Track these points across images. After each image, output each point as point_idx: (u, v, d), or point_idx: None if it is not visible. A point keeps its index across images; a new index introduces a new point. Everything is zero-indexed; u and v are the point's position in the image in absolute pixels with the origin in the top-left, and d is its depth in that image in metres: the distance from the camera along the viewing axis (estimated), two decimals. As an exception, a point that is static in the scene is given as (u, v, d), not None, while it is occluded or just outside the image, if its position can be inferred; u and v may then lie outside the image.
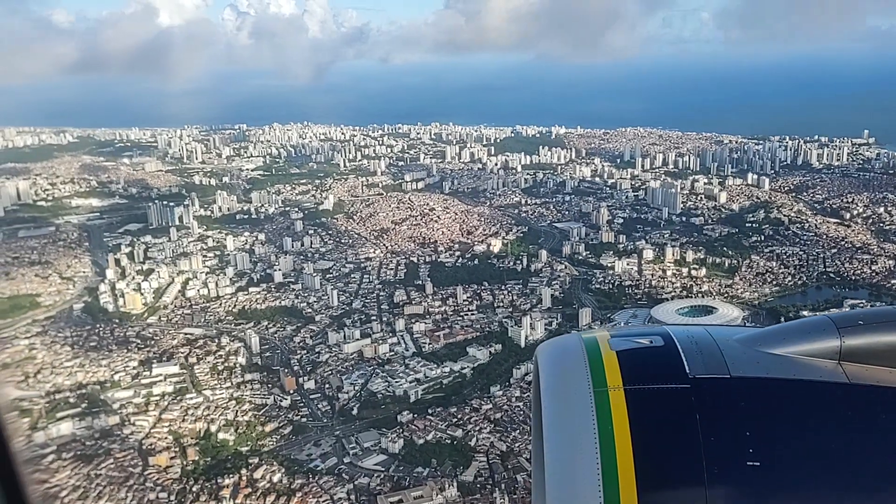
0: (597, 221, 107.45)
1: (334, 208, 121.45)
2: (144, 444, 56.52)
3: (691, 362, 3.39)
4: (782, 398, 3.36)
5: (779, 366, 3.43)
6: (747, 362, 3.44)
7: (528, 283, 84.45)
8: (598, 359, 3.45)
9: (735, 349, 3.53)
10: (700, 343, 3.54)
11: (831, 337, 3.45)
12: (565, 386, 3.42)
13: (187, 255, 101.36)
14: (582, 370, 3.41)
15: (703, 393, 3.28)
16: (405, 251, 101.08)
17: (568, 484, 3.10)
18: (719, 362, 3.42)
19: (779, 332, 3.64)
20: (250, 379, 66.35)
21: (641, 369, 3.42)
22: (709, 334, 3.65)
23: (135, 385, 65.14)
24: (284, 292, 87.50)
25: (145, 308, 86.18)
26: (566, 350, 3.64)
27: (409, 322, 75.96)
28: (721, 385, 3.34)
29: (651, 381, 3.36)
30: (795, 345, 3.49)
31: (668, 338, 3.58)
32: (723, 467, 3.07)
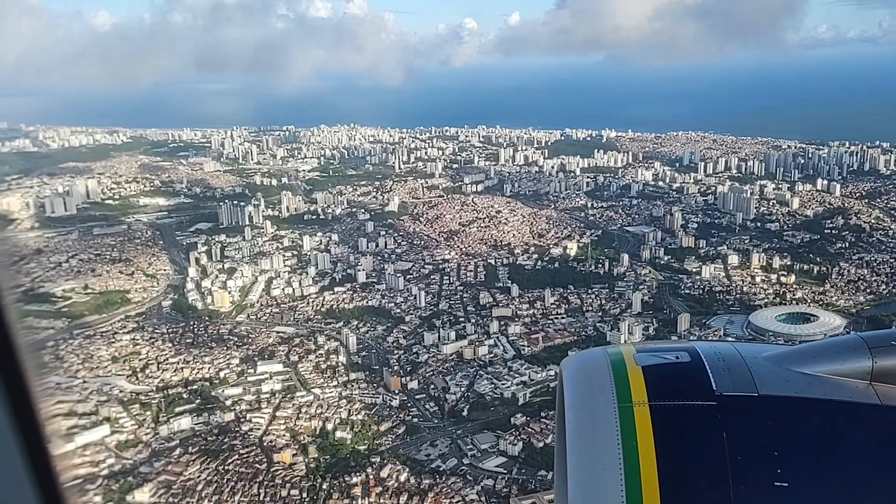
0: (671, 226, 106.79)
1: (399, 210, 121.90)
2: (265, 441, 57.27)
3: (718, 379, 3.33)
4: (812, 418, 3.27)
5: (809, 385, 3.34)
6: (776, 381, 3.36)
7: (615, 287, 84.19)
8: (623, 374, 3.40)
9: (764, 367, 3.45)
10: (727, 360, 3.47)
11: (863, 357, 3.37)
12: (590, 401, 3.37)
13: (265, 255, 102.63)
14: (607, 385, 3.36)
15: (730, 411, 3.21)
16: (479, 253, 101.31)
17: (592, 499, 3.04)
18: (747, 380, 3.35)
19: (809, 351, 3.57)
20: (355, 378, 66.92)
21: (667, 385, 3.35)
22: (736, 351, 3.58)
23: (242, 382, 66.02)
24: (370, 292, 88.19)
25: (233, 306, 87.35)
26: (591, 364, 3.59)
27: (500, 324, 76.10)
28: (749, 403, 3.26)
29: (677, 397, 3.29)
30: (826, 364, 3.41)
31: (695, 354, 3.53)
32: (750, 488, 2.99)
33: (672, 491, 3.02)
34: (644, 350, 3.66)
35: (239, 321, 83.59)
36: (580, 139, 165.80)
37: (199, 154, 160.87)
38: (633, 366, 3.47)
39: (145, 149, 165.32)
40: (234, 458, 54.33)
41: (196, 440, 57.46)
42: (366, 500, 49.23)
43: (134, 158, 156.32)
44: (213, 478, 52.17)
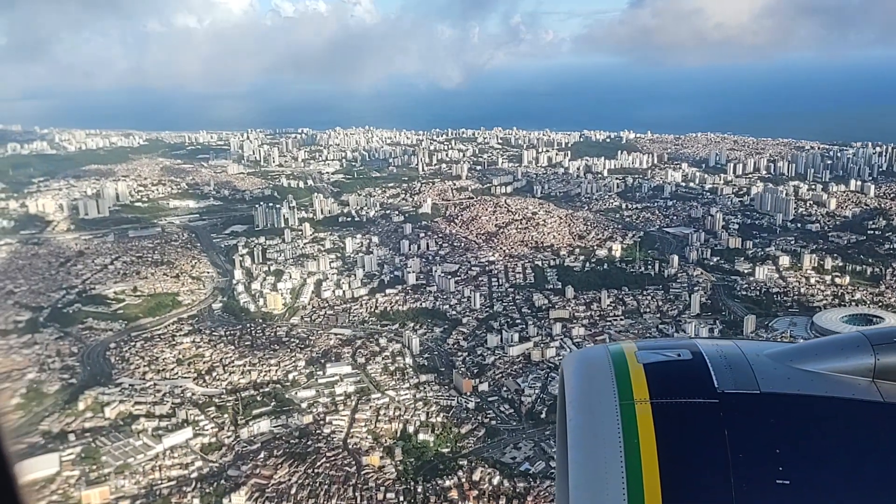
0: (712, 227, 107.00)
1: (433, 211, 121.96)
2: (349, 444, 57.28)
3: (720, 377, 3.34)
4: (814, 416, 3.27)
5: (811, 382, 3.34)
6: (778, 378, 3.36)
7: (669, 288, 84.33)
8: (624, 371, 3.40)
9: (766, 364, 3.46)
10: (729, 357, 3.48)
11: (865, 354, 3.37)
12: (591, 398, 3.36)
13: (309, 257, 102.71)
14: (609, 383, 3.36)
15: (731, 408, 3.21)
16: (523, 255, 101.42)
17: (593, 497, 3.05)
18: (749, 377, 3.35)
19: (811, 349, 3.57)
20: (425, 380, 66.96)
21: (669, 383, 3.36)
22: (738, 349, 3.59)
23: (314, 385, 66.04)
24: (422, 294, 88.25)
25: (286, 308, 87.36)
26: (593, 362, 3.59)
27: (556, 325, 76.21)
28: (750, 401, 3.26)
29: (678, 395, 3.29)
30: (828, 362, 3.41)
31: (697, 351, 3.54)
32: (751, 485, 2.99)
33: (674, 489, 3.02)
34: (645, 347, 3.67)
35: (293, 323, 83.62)
36: (599, 140, 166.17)
37: (220, 156, 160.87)
38: (635, 363, 3.48)
39: (163, 151, 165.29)
40: (321, 461, 54.32)
41: (278, 443, 57.45)
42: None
43: (154, 161, 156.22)
44: (305, 481, 52.16)
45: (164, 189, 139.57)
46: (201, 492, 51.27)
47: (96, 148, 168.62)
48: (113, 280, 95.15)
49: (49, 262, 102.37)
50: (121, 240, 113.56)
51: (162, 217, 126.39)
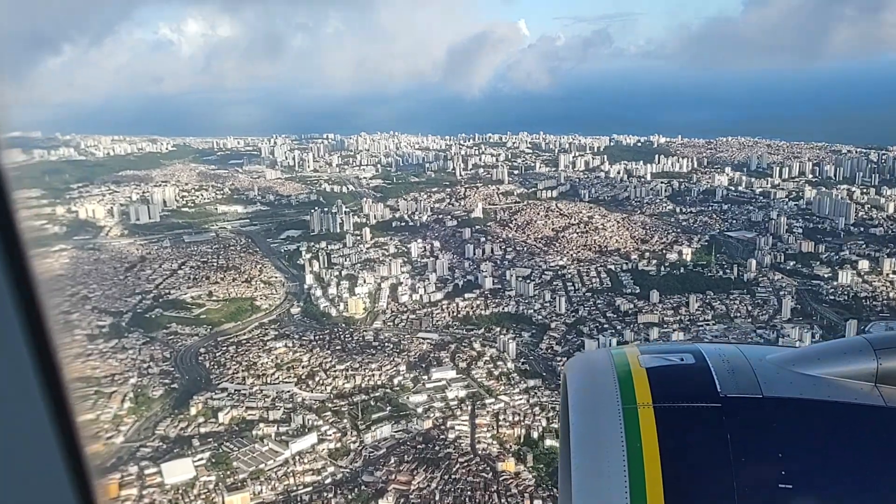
0: (776, 231, 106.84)
1: (485, 216, 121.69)
2: (478, 449, 56.85)
3: (723, 381, 3.34)
4: (816, 420, 3.28)
5: (813, 387, 3.34)
6: (781, 383, 3.36)
7: (755, 292, 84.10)
8: (627, 375, 3.40)
9: (768, 369, 3.46)
10: (732, 362, 3.48)
11: (868, 359, 3.38)
12: (594, 402, 3.37)
13: (377, 262, 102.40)
14: (611, 386, 3.36)
15: (734, 413, 3.22)
16: (591, 259, 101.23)
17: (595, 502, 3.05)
18: (752, 382, 3.35)
19: (814, 353, 3.58)
20: (533, 385, 66.60)
21: (672, 387, 3.37)
22: (741, 353, 3.59)
23: (423, 389, 65.62)
24: (501, 299, 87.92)
25: (366, 313, 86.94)
26: (596, 366, 3.60)
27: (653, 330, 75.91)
28: (753, 405, 3.27)
29: (681, 399, 3.30)
30: (831, 366, 3.41)
31: (699, 355, 3.54)
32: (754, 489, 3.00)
33: (676, 493, 3.00)
34: (648, 351, 3.65)
35: (377, 328, 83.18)
36: (630, 145, 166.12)
37: (252, 162, 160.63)
38: (638, 367, 3.45)
39: (193, 157, 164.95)
40: (456, 467, 53.86)
41: (404, 448, 56.97)
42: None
43: (187, 166, 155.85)
44: (445, 487, 51.69)
45: (208, 194, 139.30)
46: (345, 498, 50.77)
47: (125, 154, 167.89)
48: (186, 285, 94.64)
49: (115, 268, 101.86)
50: (177, 245, 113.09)
51: (212, 222, 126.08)
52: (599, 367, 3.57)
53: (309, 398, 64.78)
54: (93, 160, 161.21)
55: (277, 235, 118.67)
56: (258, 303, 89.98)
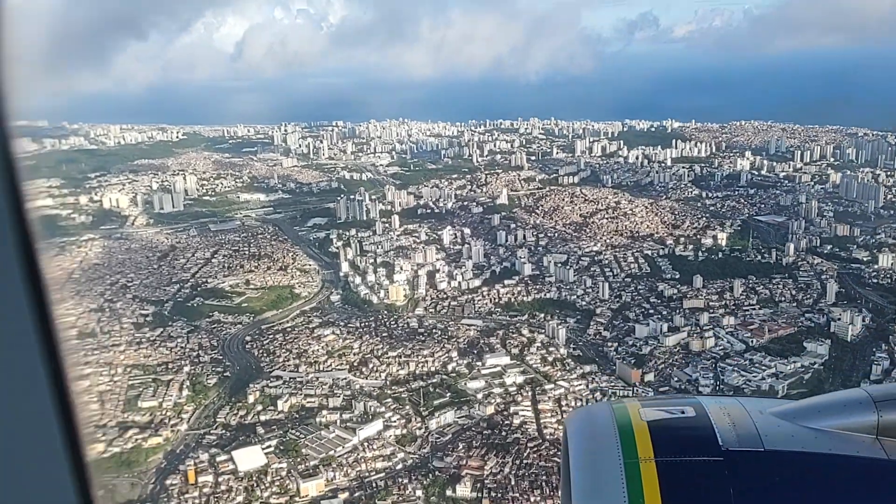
0: (807, 214, 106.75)
1: (511, 202, 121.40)
2: (546, 435, 56.87)
3: (724, 435, 3.33)
4: (818, 473, 3.27)
5: (815, 440, 3.33)
6: (782, 436, 3.35)
7: (797, 277, 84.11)
8: (628, 429, 3.38)
9: (769, 422, 3.45)
10: (733, 415, 3.47)
11: (868, 412, 3.38)
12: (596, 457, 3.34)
13: (409, 249, 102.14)
14: (612, 441, 3.33)
15: (736, 466, 3.19)
16: (625, 245, 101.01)
17: None
18: (753, 435, 3.34)
19: (815, 406, 3.57)
20: (589, 371, 66.58)
21: (674, 441, 3.35)
22: (741, 406, 3.59)
23: (479, 376, 65.54)
24: (542, 285, 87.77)
25: (407, 300, 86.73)
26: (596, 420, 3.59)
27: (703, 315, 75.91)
28: (755, 459, 3.24)
29: (683, 453, 3.28)
30: (832, 419, 3.41)
31: (700, 409, 3.52)
32: None
33: None
34: (649, 404, 3.64)
35: (419, 314, 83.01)
36: (644, 130, 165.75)
37: (265, 150, 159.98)
38: (639, 421, 3.42)
39: (205, 145, 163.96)
40: (527, 453, 53.88)
41: (470, 434, 56.95)
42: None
43: (200, 155, 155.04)
44: (519, 472, 51.72)
45: (228, 183, 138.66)
46: (420, 484, 50.75)
47: (136, 143, 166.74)
48: (222, 274, 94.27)
49: (147, 257, 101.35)
50: (204, 234, 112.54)
51: (235, 210, 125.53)
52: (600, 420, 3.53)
53: (366, 385, 64.60)
54: (105, 149, 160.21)
55: (304, 223, 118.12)
56: (297, 291, 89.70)
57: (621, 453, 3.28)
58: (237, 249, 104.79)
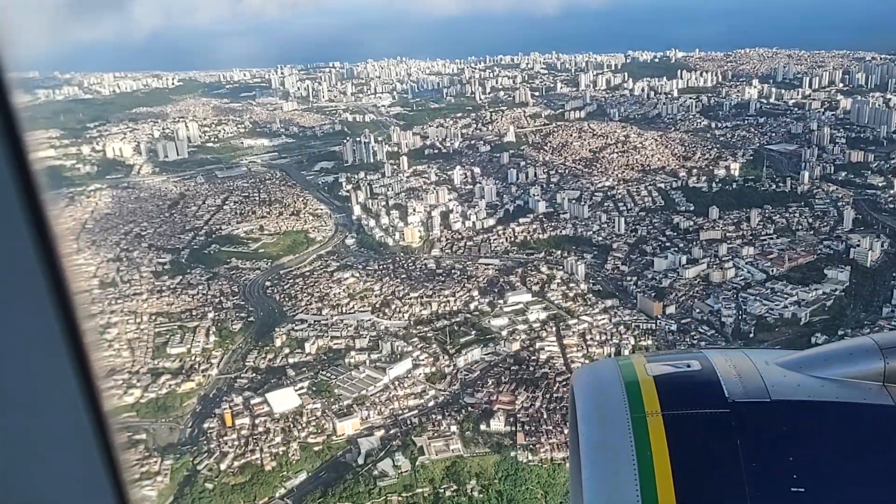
0: (819, 142, 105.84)
1: (518, 140, 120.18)
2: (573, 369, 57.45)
3: (730, 386, 3.32)
4: (825, 422, 3.26)
5: (821, 389, 3.33)
6: (788, 386, 3.35)
7: (813, 205, 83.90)
8: (635, 384, 3.38)
9: (775, 373, 3.44)
10: (739, 366, 3.46)
11: (875, 359, 3.36)
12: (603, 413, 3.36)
13: (420, 190, 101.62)
14: (619, 396, 3.34)
15: (743, 417, 3.20)
16: (637, 179, 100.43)
17: None
18: (759, 386, 3.34)
19: (821, 356, 3.55)
20: (611, 305, 66.97)
21: (679, 394, 3.36)
22: (748, 357, 3.57)
23: (502, 313, 65.97)
24: (557, 222, 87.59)
25: (422, 241, 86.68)
26: (603, 376, 3.59)
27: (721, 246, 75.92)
28: (761, 409, 3.25)
29: (689, 406, 3.29)
30: (838, 367, 3.40)
31: (706, 362, 3.50)
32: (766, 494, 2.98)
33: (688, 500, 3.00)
34: (655, 359, 3.65)
35: (436, 255, 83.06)
36: (647, 61, 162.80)
37: (264, 94, 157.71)
38: (645, 376, 3.43)
39: (202, 91, 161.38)
40: (557, 387, 54.60)
41: (498, 370, 57.63)
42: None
43: (198, 101, 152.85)
44: (550, 405, 52.55)
45: (230, 129, 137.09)
46: (454, 420, 51.61)
47: (131, 91, 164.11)
48: (235, 220, 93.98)
49: (158, 206, 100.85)
50: (212, 181, 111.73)
51: (240, 156, 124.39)
52: (607, 377, 3.54)
53: (390, 326, 65.08)
54: (101, 98, 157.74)
55: (311, 168, 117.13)
56: (312, 235, 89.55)
57: (628, 408, 3.28)
58: (247, 196, 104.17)
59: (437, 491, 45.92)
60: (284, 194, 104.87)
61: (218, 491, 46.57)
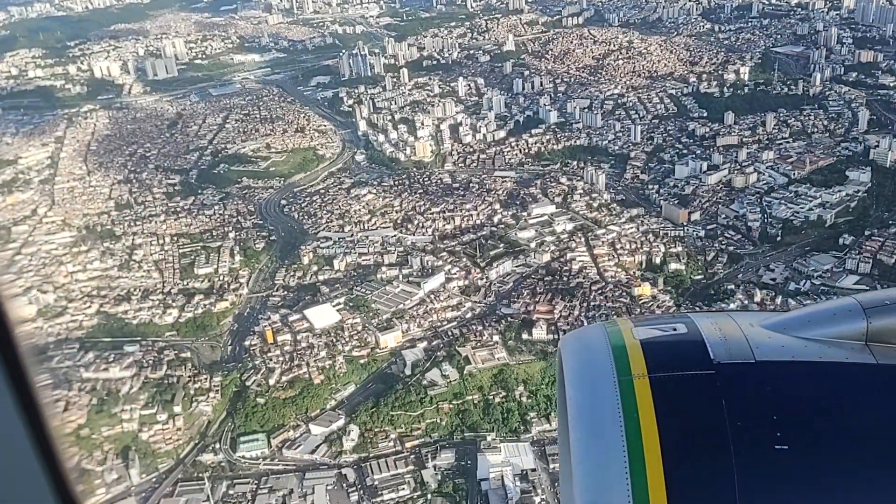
0: (826, 43, 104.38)
1: (518, 49, 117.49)
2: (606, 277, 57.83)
3: (715, 348, 3.38)
4: (809, 381, 3.35)
5: (805, 349, 3.40)
6: (772, 347, 3.41)
7: (827, 107, 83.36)
8: (621, 348, 3.44)
9: (760, 334, 3.50)
10: (724, 329, 3.52)
11: (858, 319, 3.42)
12: (590, 376, 3.42)
13: (425, 103, 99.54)
14: (606, 360, 3.40)
15: (728, 379, 3.27)
16: (646, 86, 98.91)
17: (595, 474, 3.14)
18: (744, 348, 3.39)
19: (804, 317, 3.62)
20: (636, 214, 66.86)
21: (666, 357, 3.41)
22: (733, 320, 3.62)
23: (527, 225, 65.71)
24: (570, 132, 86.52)
25: (433, 156, 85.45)
26: (590, 341, 3.65)
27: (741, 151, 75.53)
28: (746, 370, 3.31)
29: (676, 368, 3.35)
30: (822, 328, 3.46)
31: (692, 325, 3.58)
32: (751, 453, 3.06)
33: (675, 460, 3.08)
34: (641, 323, 3.68)
35: (449, 169, 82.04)
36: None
37: (246, 7, 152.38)
38: (632, 339, 3.48)
39: (180, 5, 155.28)
40: (593, 295, 54.96)
41: (531, 282, 57.78)
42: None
43: (178, 16, 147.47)
44: (588, 313, 52.99)
45: (217, 45, 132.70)
46: (495, 330, 52.00)
47: (105, 6, 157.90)
48: (240, 139, 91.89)
49: (156, 126, 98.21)
50: (207, 99, 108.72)
51: (232, 73, 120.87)
52: (594, 341, 3.56)
53: (416, 241, 64.73)
54: (75, 15, 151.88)
55: (307, 83, 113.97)
56: (320, 152, 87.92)
57: (615, 371, 3.31)
58: (247, 113, 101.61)
59: (486, 398, 46.64)
60: (285, 111, 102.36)
61: (270, 405, 47.01)
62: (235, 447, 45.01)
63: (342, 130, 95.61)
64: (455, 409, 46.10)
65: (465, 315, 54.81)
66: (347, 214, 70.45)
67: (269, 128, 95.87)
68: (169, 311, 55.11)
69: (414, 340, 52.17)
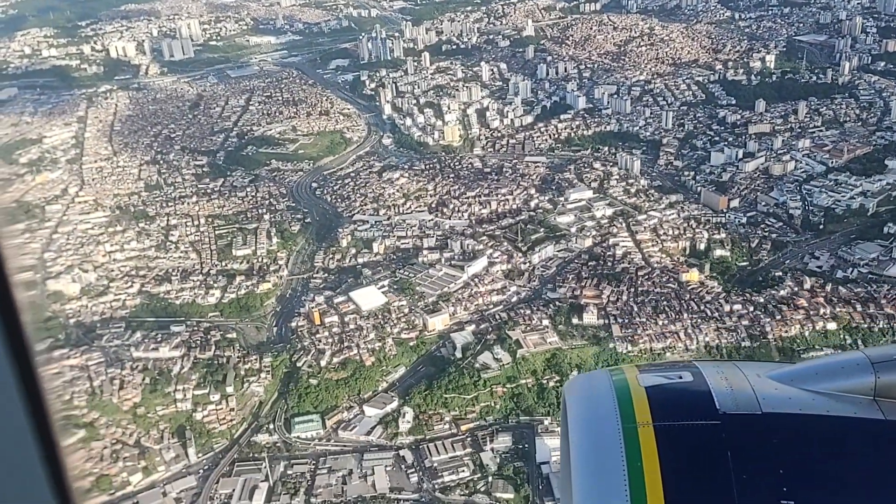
0: (850, 32, 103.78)
1: (537, 34, 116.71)
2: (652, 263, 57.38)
3: (721, 398, 3.35)
4: (816, 435, 3.29)
5: (812, 402, 3.35)
6: (779, 399, 3.37)
7: (858, 96, 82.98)
8: (626, 395, 3.41)
9: (767, 385, 3.46)
10: (730, 379, 3.49)
11: (866, 374, 3.39)
12: (594, 422, 3.39)
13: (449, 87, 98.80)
14: (611, 406, 3.36)
15: (734, 430, 3.23)
16: (671, 73, 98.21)
17: None
18: (750, 399, 3.36)
19: (812, 369, 3.58)
20: (675, 200, 66.42)
21: (671, 405, 3.37)
22: (739, 370, 3.60)
23: (566, 211, 65.24)
24: (600, 118, 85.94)
25: (462, 140, 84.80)
26: (595, 386, 3.60)
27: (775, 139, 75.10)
28: (752, 422, 3.27)
29: (681, 417, 3.31)
30: (830, 381, 3.42)
31: (698, 373, 3.53)
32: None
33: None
34: (647, 370, 3.64)
35: (479, 154, 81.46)
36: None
37: None
38: (637, 386, 3.44)
39: None
40: (640, 280, 54.57)
41: (574, 266, 57.35)
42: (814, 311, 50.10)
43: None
44: (638, 299, 52.62)
45: (231, 26, 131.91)
46: (544, 314, 51.58)
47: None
48: (265, 121, 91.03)
49: (178, 107, 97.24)
50: (225, 81, 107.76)
51: (249, 55, 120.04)
52: (599, 387, 3.51)
53: (454, 225, 64.23)
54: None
55: (326, 66, 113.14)
56: (347, 135, 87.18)
57: (619, 418, 3.25)
58: (269, 96, 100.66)
59: (540, 382, 46.28)
60: (307, 94, 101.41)
61: (323, 386, 46.57)
62: (290, 428, 44.62)
63: (366, 114, 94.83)
64: (509, 393, 45.73)
65: (510, 299, 54.35)
66: (381, 198, 69.84)
67: (292, 110, 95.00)
68: (211, 292, 54.50)
69: (461, 323, 51.72)
